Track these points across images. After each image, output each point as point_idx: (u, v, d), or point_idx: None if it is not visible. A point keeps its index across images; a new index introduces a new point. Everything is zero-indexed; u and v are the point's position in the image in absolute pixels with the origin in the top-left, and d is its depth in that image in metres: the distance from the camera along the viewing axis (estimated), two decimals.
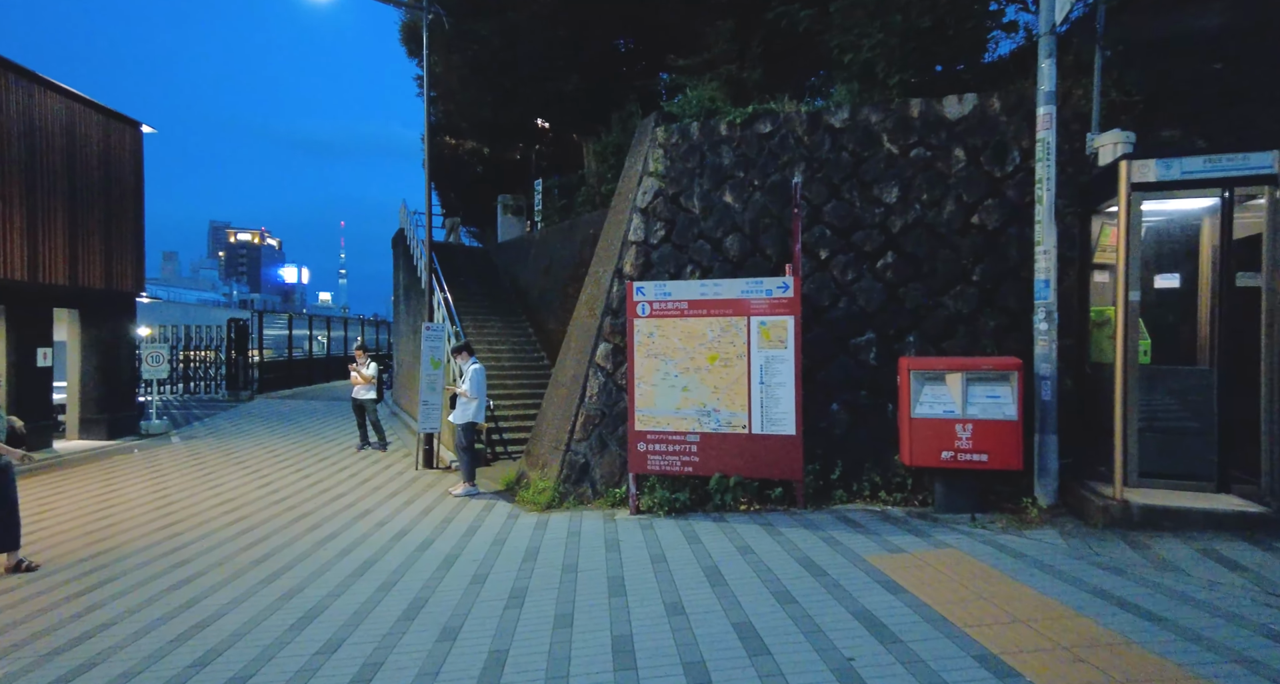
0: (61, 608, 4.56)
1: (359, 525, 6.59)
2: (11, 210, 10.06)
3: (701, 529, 5.87)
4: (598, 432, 7.32)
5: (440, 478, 9.09)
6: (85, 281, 11.61)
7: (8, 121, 9.98)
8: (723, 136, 7.77)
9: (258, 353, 19.63)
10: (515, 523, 6.56)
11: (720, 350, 6.47)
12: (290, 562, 5.44)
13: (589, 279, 8.51)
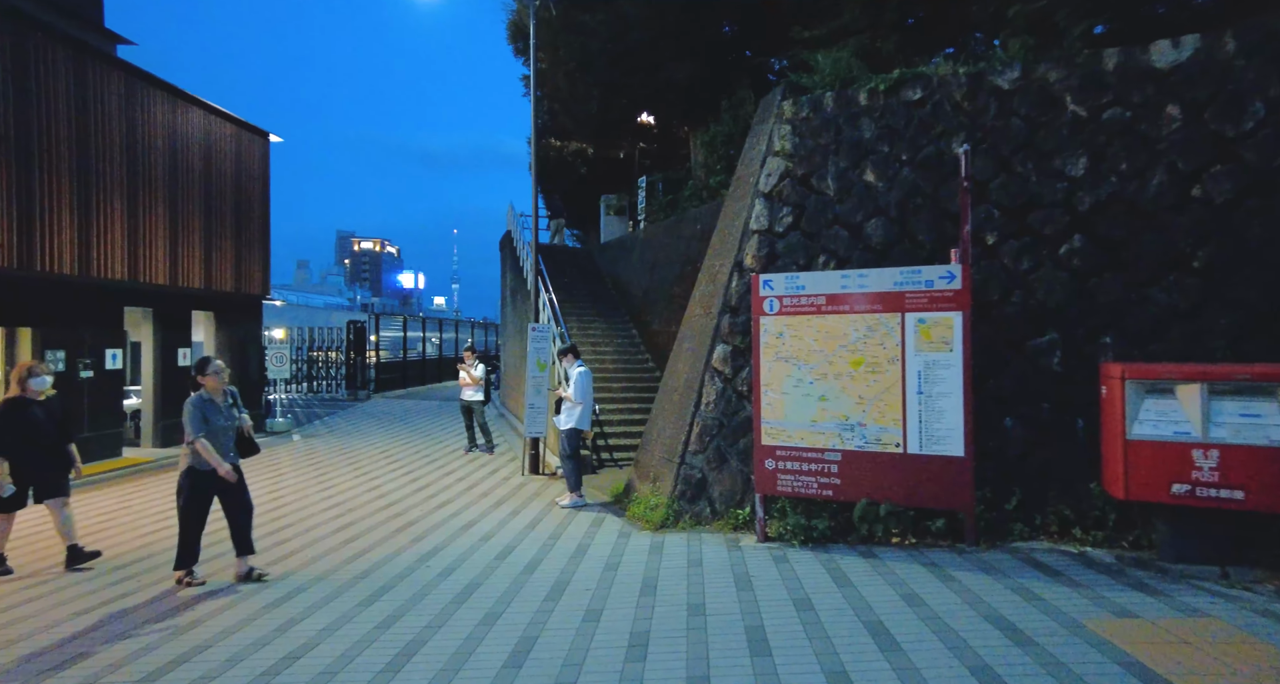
0: (153, 619, 4.34)
1: (463, 539, 6.15)
2: (156, 220, 10.64)
3: (849, 567, 4.93)
4: (715, 444, 6.52)
5: (546, 485, 8.63)
6: (218, 285, 12.20)
7: (154, 137, 10.57)
8: (862, 107, 6.76)
9: (374, 354, 20.37)
10: (627, 544, 5.88)
11: (866, 353, 5.49)
12: (391, 580, 5.03)
13: (702, 274, 7.74)
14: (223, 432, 5.03)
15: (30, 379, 5.35)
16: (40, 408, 5.38)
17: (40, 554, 5.80)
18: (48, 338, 9.19)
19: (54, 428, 5.45)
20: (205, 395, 5.00)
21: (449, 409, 17.21)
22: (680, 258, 12.75)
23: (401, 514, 7.09)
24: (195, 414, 4.89)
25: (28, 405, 5.31)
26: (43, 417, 5.37)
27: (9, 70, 8.27)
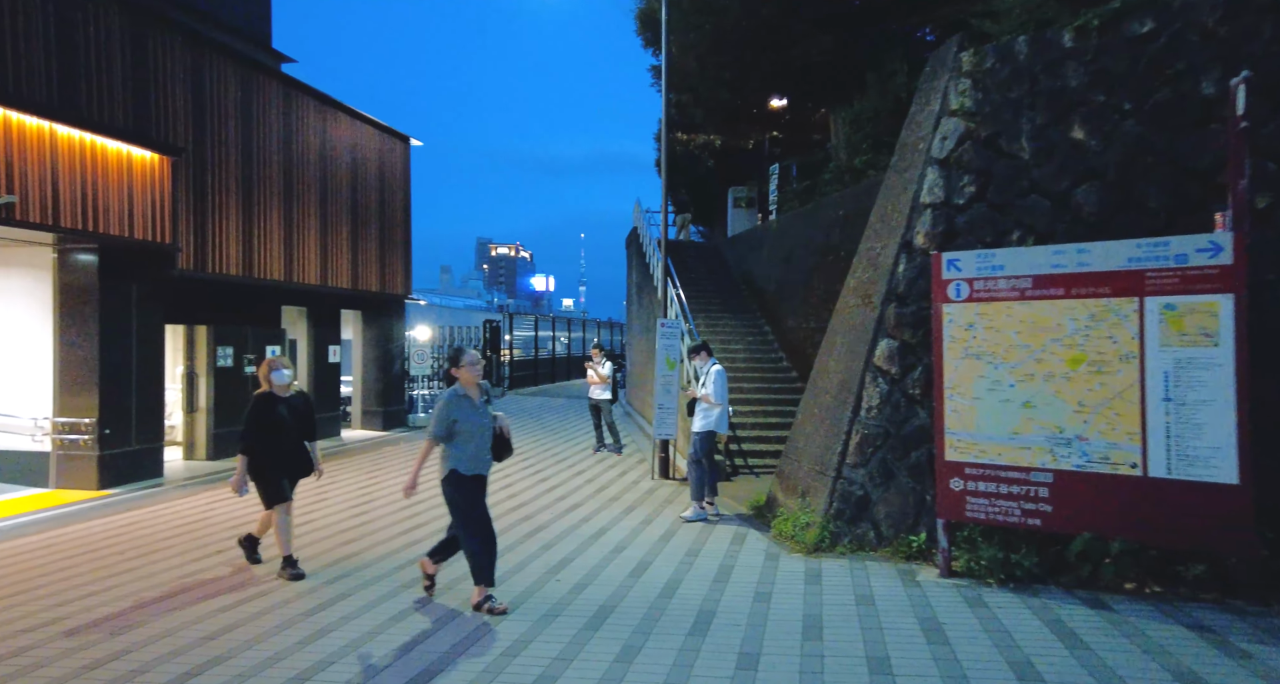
0: (291, 622, 4.17)
1: (594, 550, 5.67)
2: (309, 223, 11.26)
3: (1075, 620, 3.86)
4: (880, 456, 5.57)
5: (677, 491, 8.02)
6: (364, 286, 12.78)
7: (307, 144, 11.19)
8: (1067, 50, 5.51)
9: (508, 352, 20.91)
10: (777, 569, 5.11)
11: (1089, 349, 4.35)
12: (520, 595, 4.62)
13: (858, 260, 6.77)
14: (477, 432, 4.41)
15: (271, 373, 5.13)
16: (284, 404, 5.12)
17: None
18: (219, 335, 9.91)
19: (297, 425, 5.19)
20: (460, 390, 4.43)
21: (577, 407, 17.17)
22: (818, 247, 11.70)
23: (531, 517, 6.77)
24: (443, 413, 4.34)
25: (275, 401, 5.10)
26: (286, 414, 5.11)
27: (188, 86, 8.95)
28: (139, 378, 8.33)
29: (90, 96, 7.70)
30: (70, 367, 7.86)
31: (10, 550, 5.60)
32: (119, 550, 5.60)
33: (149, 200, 8.00)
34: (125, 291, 8.15)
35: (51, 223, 6.96)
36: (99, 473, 7.78)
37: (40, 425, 7.83)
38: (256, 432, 5.02)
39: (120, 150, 7.64)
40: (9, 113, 6.59)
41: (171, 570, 5.12)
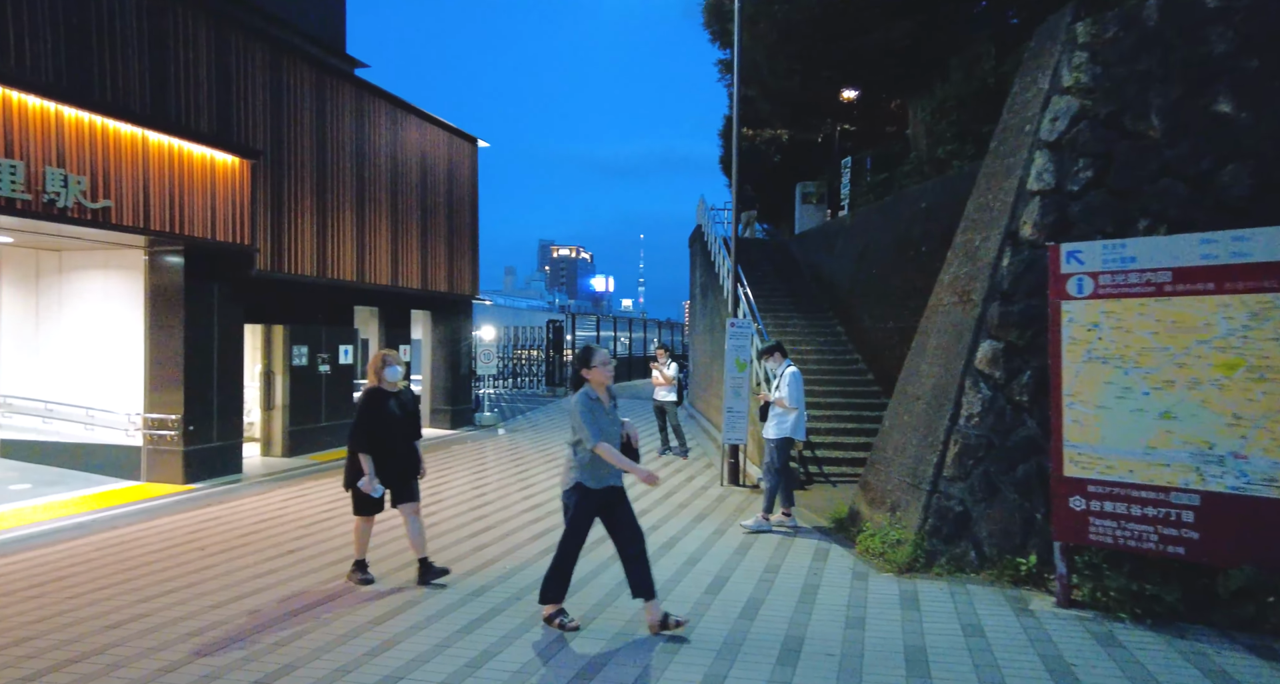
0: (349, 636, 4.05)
1: (666, 561, 5.38)
2: (380, 224, 11.43)
3: (1243, 672, 3.31)
4: (982, 469, 5.06)
5: (749, 499, 7.65)
6: (433, 286, 12.91)
7: (378, 146, 11.36)
8: (1211, 11, 4.86)
9: (571, 352, 20.93)
10: (868, 590, 4.69)
11: (1248, 352, 3.75)
12: (592, 608, 4.38)
13: (953, 254, 6.23)
14: (611, 437, 4.11)
15: (384, 369, 4.85)
16: (394, 401, 4.88)
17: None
18: (295, 334, 10.15)
19: (406, 422, 4.93)
20: (591, 393, 4.09)
21: (640, 408, 16.94)
22: (896, 242, 11.06)
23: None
24: (587, 415, 3.98)
25: (385, 397, 4.83)
26: (396, 411, 4.86)
27: (267, 91, 9.18)
28: (220, 376, 8.58)
29: (179, 103, 7.95)
30: (158, 365, 8.16)
31: (105, 542, 5.77)
32: (199, 546, 5.68)
33: (230, 203, 8.22)
34: (208, 292, 8.41)
35: (143, 225, 7.20)
36: (184, 468, 8.04)
37: (132, 421, 8.16)
38: (367, 429, 4.77)
39: (204, 155, 7.86)
40: (108, 122, 6.85)
41: (247, 570, 5.12)
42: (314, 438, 10.44)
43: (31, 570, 5.06)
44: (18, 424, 8.56)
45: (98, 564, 5.21)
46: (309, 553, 5.54)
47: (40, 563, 5.23)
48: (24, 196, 6.16)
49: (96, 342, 8.42)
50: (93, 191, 6.72)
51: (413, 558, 4.99)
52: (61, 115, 6.49)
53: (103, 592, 4.62)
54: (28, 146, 6.22)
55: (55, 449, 8.42)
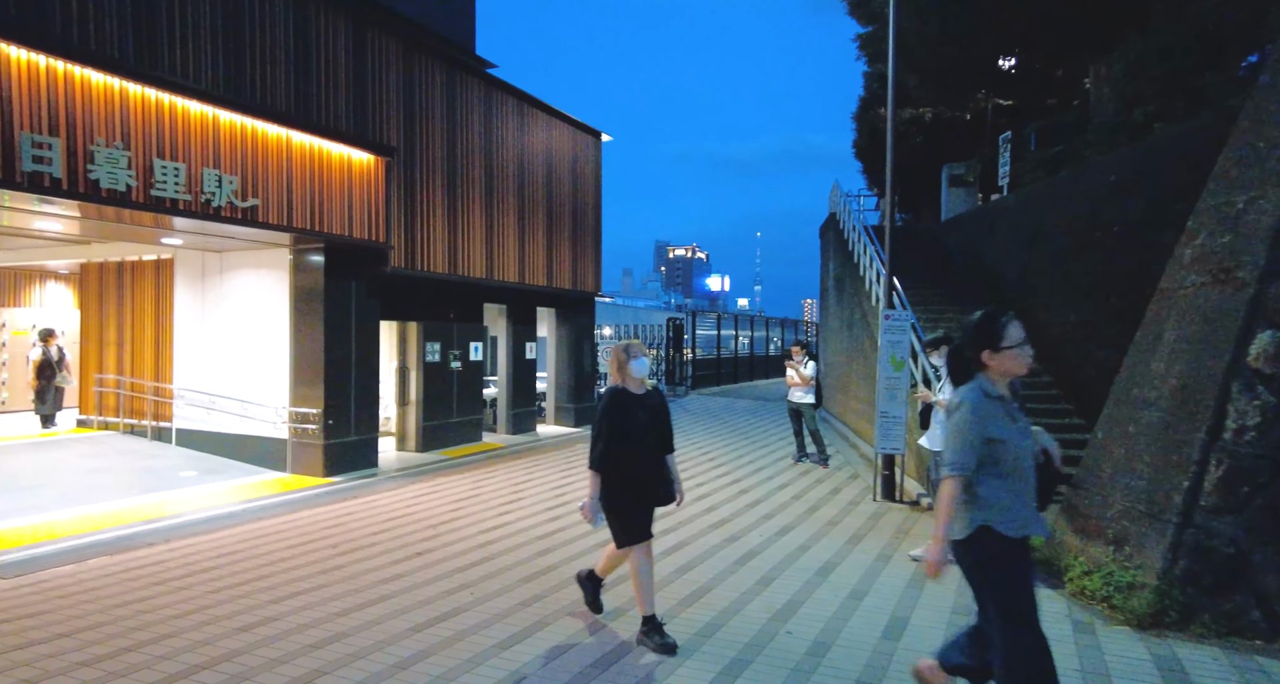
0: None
1: (825, 593, 4.59)
2: (508, 221, 11.39)
3: None
4: (1265, 499, 3.83)
5: (910, 518, 6.63)
6: (558, 283, 12.77)
7: (505, 142, 11.33)
8: None
9: (691, 351, 20.35)
10: (1101, 649, 3.66)
11: None
12: (744, 650, 3.70)
13: (1199, 222, 4.91)
14: (1022, 461, 2.69)
15: (630, 362, 3.83)
16: (642, 405, 3.85)
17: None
18: (428, 331, 10.28)
19: (657, 433, 3.89)
20: (990, 388, 2.72)
21: (765, 410, 16.03)
22: (1077, 224, 9.45)
23: (737, 539, 5.84)
24: (974, 427, 2.63)
25: (631, 401, 3.83)
26: (646, 419, 3.83)
27: (400, 88, 9.30)
28: (358, 372, 8.76)
29: (319, 102, 8.16)
30: (301, 360, 8.43)
31: (250, 534, 5.86)
32: (332, 544, 5.60)
33: (366, 200, 8.33)
34: (346, 289, 8.59)
35: (286, 223, 7.40)
36: (324, 461, 8.24)
37: (279, 414, 8.49)
38: (608, 443, 3.76)
39: (342, 153, 8.00)
40: (256, 123, 7.07)
41: (374, 573, 4.93)
42: (446, 433, 10.54)
43: (185, 559, 5.16)
44: (188, 414, 9.21)
45: (241, 556, 5.23)
46: (436, 557, 5.28)
47: (193, 551, 5.34)
48: (185, 197, 6.43)
49: (250, 337, 8.87)
50: (243, 191, 6.94)
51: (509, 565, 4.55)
52: (218, 119, 6.75)
53: (241, 588, 4.56)
54: (189, 149, 6.49)
55: (217, 438, 8.97)
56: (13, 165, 5.36)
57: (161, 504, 6.77)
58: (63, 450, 8.72)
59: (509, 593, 4.52)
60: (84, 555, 5.25)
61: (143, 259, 9.78)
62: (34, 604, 4.27)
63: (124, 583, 4.64)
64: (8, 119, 5.34)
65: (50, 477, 7.56)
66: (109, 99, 5.94)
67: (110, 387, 9.94)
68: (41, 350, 10.33)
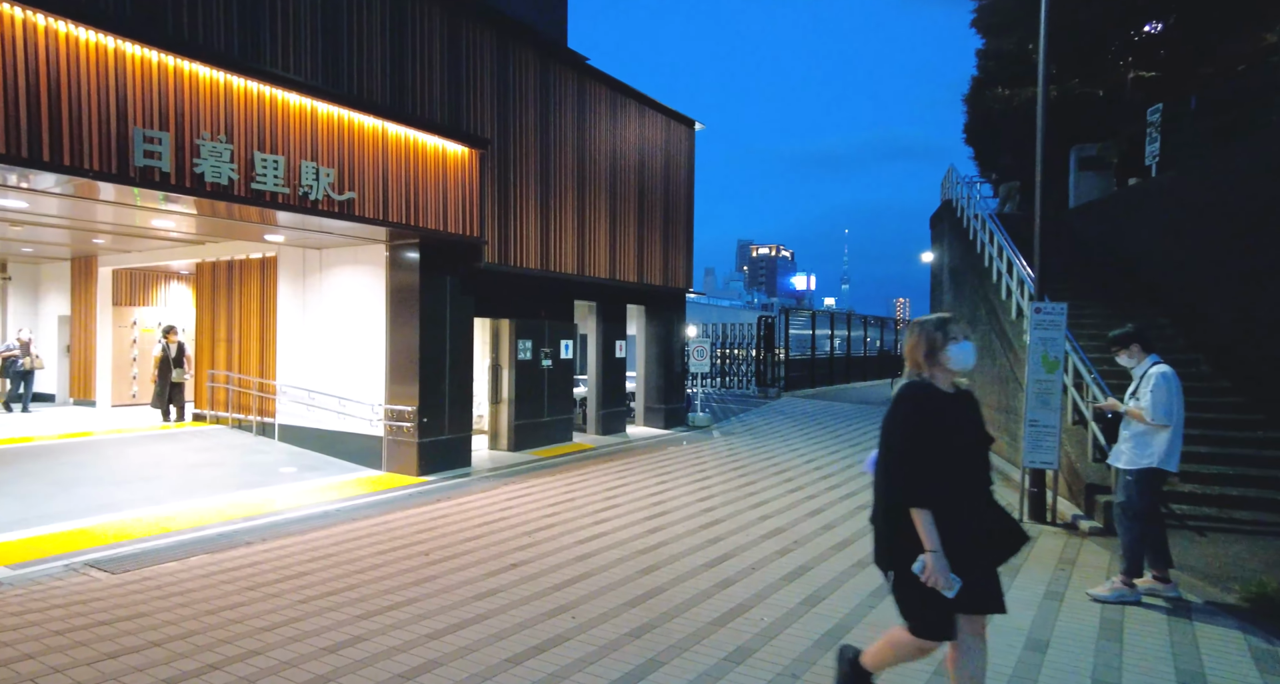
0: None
1: (999, 642, 3.79)
2: (599, 215, 11.01)
3: None
4: None
5: (1069, 544, 5.65)
6: (648, 279, 12.29)
7: (598, 135, 10.95)
8: None
9: (783, 351, 19.40)
10: None
11: None
12: None
13: None
14: None
15: (947, 347, 2.64)
16: (955, 409, 2.66)
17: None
18: (519, 329, 10.03)
19: (980, 451, 2.71)
20: None
21: (869, 415, 14.92)
22: (1255, 205, 7.99)
23: (864, 566, 5.09)
24: None
25: (943, 404, 2.65)
26: (967, 430, 2.66)
27: (494, 79, 9.08)
28: (452, 369, 8.58)
29: (414, 94, 8.01)
30: (397, 357, 8.33)
31: (344, 536, 5.67)
32: (424, 550, 5.30)
33: (460, 194, 8.12)
34: (441, 286, 8.42)
35: (381, 217, 7.26)
36: (418, 459, 8.09)
37: (375, 411, 8.43)
38: (926, 463, 2.55)
39: (437, 146, 7.81)
40: (353, 115, 6.96)
41: (468, 586, 4.55)
42: (537, 432, 10.27)
43: (279, 562, 4.99)
44: (290, 410, 9.35)
45: (333, 561, 5.01)
46: (532, 570, 4.86)
47: (286, 554, 5.18)
48: (284, 190, 6.35)
49: (348, 334, 8.87)
50: (339, 184, 6.83)
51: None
52: (315, 111, 6.66)
53: (331, 598, 4.28)
54: (288, 142, 6.42)
55: (316, 435, 9.04)
56: (127, 160, 5.38)
57: (262, 501, 6.76)
58: (178, 443, 9.03)
59: (614, 619, 4.01)
60: (189, 551, 5.19)
61: (250, 257, 10.05)
62: (135, 604, 4.15)
63: (219, 586, 4.48)
64: (124, 114, 5.37)
65: (165, 469, 7.77)
66: (214, 93, 5.91)
67: (221, 382, 10.29)
68: (162, 346, 10.85)
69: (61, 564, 4.91)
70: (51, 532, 5.62)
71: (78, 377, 12.86)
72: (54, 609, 4.06)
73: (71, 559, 5.01)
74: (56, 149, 5.05)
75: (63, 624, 3.83)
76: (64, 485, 6.92)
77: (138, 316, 12.90)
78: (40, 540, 5.41)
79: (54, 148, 5.04)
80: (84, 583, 4.55)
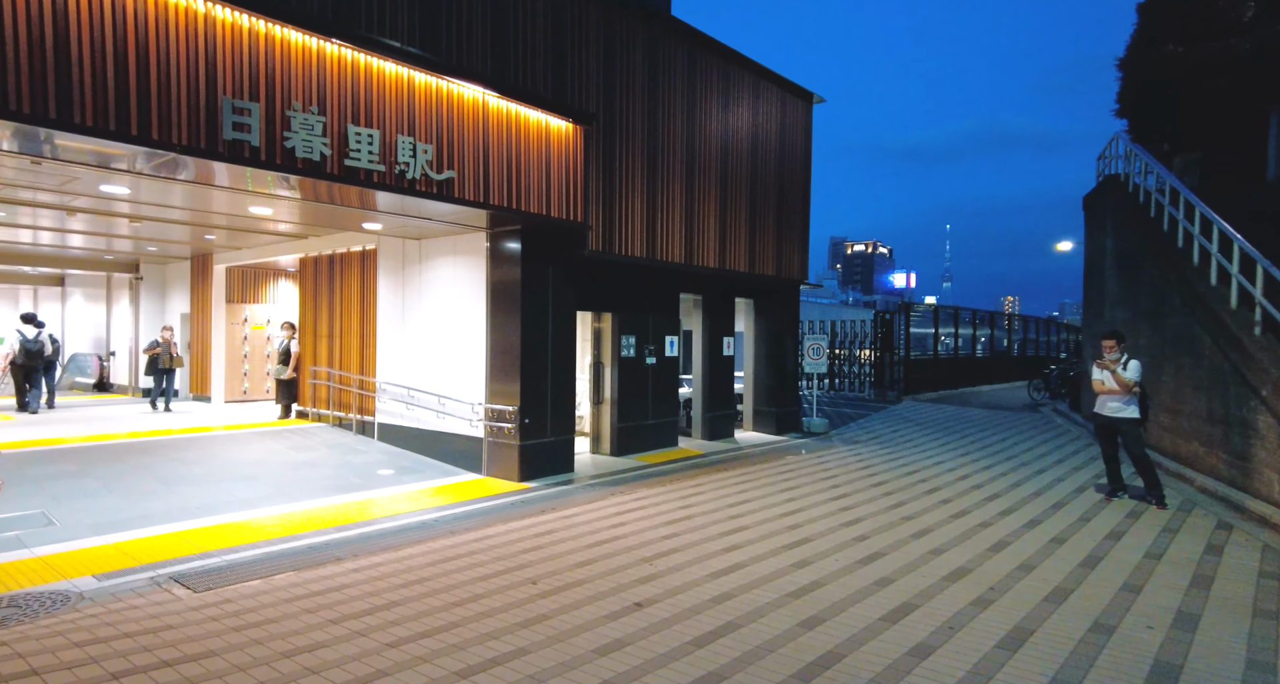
0: None
1: None
2: (709, 199, 10.03)
3: None
4: None
5: None
6: (760, 269, 11.18)
7: (708, 108, 9.95)
8: None
9: (905, 351, 17.65)
10: None
11: None
12: None
13: None
14: None
15: None
16: None
17: None
18: (622, 323, 9.21)
19: None
20: None
21: (1008, 422, 13.10)
22: None
23: (1113, 629, 3.81)
24: None
25: None
26: None
27: (600, 50, 8.28)
28: (554, 367, 7.86)
29: (516, 63, 7.34)
30: (498, 353, 7.69)
31: (442, 554, 4.99)
32: (531, 577, 4.51)
33: (563, 175, 7.36)
34: (543, 276, 7.71)
35: (482, 199, 6.59)
36: (520, 463, 7.40)
37: (475, 411, 7.82)
38: None
39: (540, 120, 7.08)
40: (452, 85, 6.32)
41: (586, 634, 3.68)
42: (641, 436, 9.42)
43: (370, 585, 4.33)
44: (389, 409, 8.96)
45: (430, 589, 4.30)
46: (661, 613, 3.94)
47: (378, 575, 4.52)
48: (379, 167, 5.77)
49: (447, 329, 8.34)
50: (437, 162, 6.20)
51: None
52: (413, 81, 6.05)
53: (425, 642, 3.53)
54: (384, 115, 5.84)
55: (415, 435, 8.57)
56: (215, 134, 4.92)
57: (357, 506, 6.24)
58: (279, 441, 8.82)
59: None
60: (274, 567, 4.65)
61: (350, 250, 9.78)
62: (207, 638, 3.57)
63: (301, 616, 3.84)
64: (213, 83, 4.91)
65: (264, 468, 7.48)
66: (306, 60, 5.39)
67: (322, 379, 10.10)
68: (283, 342, 10.83)
69: (147, 576, 4.48)
70: (145, 535, 5.28)
71: (196, 372, 13.25)
72: (121, 640, 3.53)
73: (158, 570, 4.58)
74: (144, 121, 4.63)
75: (123, 663, 3.27)
76: (167, 483, 6.70)
77: (249, 313, 13.13)
78: (132, 545, 5.05)
79: (141, 120, 4.62)
80: (163, 603, 4.04)
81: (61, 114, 4.33)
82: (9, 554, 4.81)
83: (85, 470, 6.93)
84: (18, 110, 4.19)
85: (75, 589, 4.26)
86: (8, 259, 12.55)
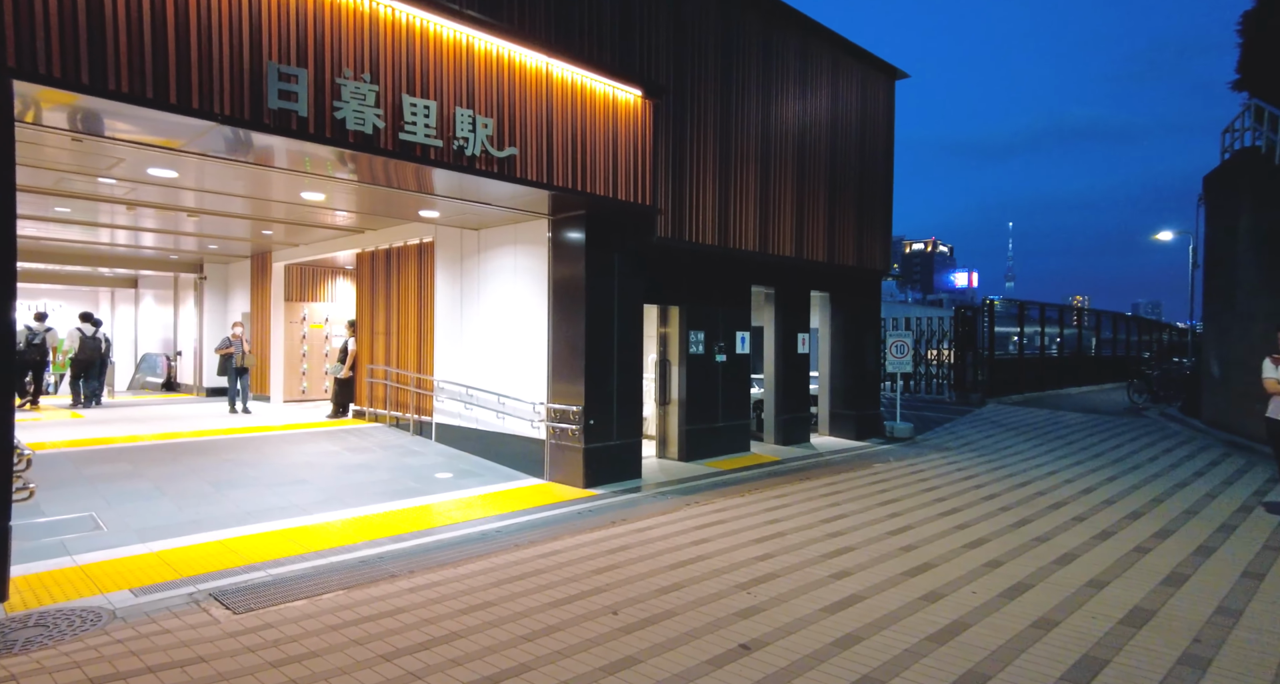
0: None
1: None
2: (785, 182, 9.23)
3: None
4: None
5: None
6: (840, 259, 10.29)
7: (785, 83, 9.14)
8: None
9: (989, 351, 16.33)
10: None
11: None
12: None
13: None
14: None
15: None
16: None
17: None
18: (691, 317, 8.50)
19: None
20: None
21: (1111, 426, 11.77)
22: None
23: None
24: None
25: None
26: None
27: (670, 13, 7.61)
28: (620, 364, 7.20)
29: (582, 27, 6.74)
30: (560, 349, 7.09)
31: (505, 574, 4.38)
32: (609, 605, 3.84)
33: (631, 152, 6.71)
34: (608, 266, 7.07)
35: (545, 180, 6.00)
36: (584, 468, 6.78)
37: (537, 411, 7.25)
38: None
39: (606, 91, 6.45)
40: (514, 51, 5.74)
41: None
42: (711, 439, 8.68)
43: (426, 612, 3.75)
44: (448, 409, 8.49)
45: (495, 616, 3.68)
46: (776, 661, 3.21)
47: (435, 598, 3.94)
48: (436, 143, 5.24)
49: (508, 324, 7.80)
50: (498, 137, 5.63)
51: None
52: (472, 46, 5.50)
53: None
54: (440, 84, 5.31)
55: (475, 436, 8.06)
56: (260, 102, 4.46)
57: (413, 514, 5.72)
58: (334, 442, 8.46)
59: None
60: (322, 584, 4.12)
61: (407, 243, 9.38)
62: (240, 674, 3.04)
63: (349, 648, 3.28)
64: (257, 46, 4.45)
65: (319, 471, 7.08)
66: (357, 22, 4.89)
67: (379, 378, 9.74)
68: (346, 341, 10.59)
69: (186, 592, 4.02)
70: (191, 542, 4.86)
71: (255, 371, 13.18)
72: (142, 677, 3.02)
73: (198, 585, 4.12)
74: (184, 88, 4.19)
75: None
76: (220, 486, 6.35)
77: (307, 312, 12.99)
78: (175, 554, 4.63)
79: (181, 86, 4.18)
80: (197, 627, 3.55)
81: (95, 79, 3.92)
82: (51, 562, 4.46)
83: (139, 471, 6.65)
84: (47, 74, 3.80)
85: (109, 606, 3.82)
86: (85, 260, 12.78)
